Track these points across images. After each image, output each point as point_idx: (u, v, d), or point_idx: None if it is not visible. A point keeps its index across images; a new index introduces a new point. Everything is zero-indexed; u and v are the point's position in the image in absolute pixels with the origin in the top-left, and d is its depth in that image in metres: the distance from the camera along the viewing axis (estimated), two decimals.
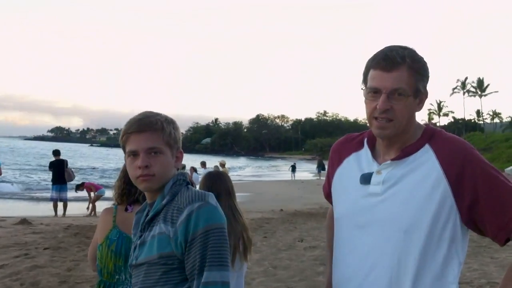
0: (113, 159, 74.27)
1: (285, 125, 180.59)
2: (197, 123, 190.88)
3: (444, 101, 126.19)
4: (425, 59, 1.74)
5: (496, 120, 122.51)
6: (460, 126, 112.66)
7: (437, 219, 1.66)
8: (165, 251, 1.77)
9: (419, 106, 1.76)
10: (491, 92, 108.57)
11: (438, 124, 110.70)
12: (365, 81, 1.76)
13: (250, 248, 3.27)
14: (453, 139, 1.75)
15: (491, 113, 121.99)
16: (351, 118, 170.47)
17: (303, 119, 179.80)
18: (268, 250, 9.46)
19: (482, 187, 1.64)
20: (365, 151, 1.85)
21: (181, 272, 1.79)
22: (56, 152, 15.59)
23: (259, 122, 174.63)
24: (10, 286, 6.41)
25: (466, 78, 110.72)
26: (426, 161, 1.70)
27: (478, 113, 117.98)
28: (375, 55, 1.74)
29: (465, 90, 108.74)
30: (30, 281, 6.68)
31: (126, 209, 2.88)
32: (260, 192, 27.14)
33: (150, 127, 1.83)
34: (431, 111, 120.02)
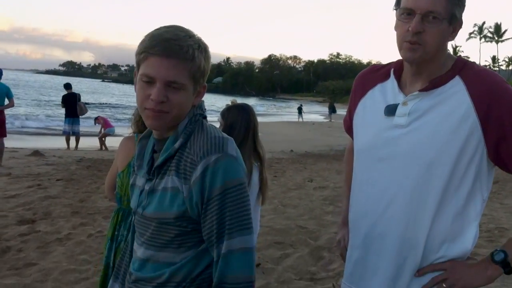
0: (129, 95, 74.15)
1: (297, 66, 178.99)
2: None
3: (460, 45, 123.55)
4: None
5: None
6: None
7: (463, 154, 1.59)
8: (180, 211, 1.53)
9: (452, 35, 1.66)
10: (509, 38, 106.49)
11: None
12: (398, 2, 1.66)
13: (266, 189, 3.22)
14: (485, 72, 1.66)
15: (507, 60, 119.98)
16: (365, 61, 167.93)
17: (315, 60, 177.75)
18: (278, 189, 9.51)
19: (510, 123, 1.57)
20: (391, 81, 1.77)
21: (197, 235, 1.56)
22: (68, 86, 15.52)
23: (271, 62, 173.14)
24: (22, 215, 6.52)
25: (484, 23, 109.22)
26: (456, 93, 1.62)
27: (494, 59, 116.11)
28: None
29: (482, 35, 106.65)
30: (43, 211, 6.78)
31: None
32: (271, 133, 27.16)
33: (178, 55, 1.48)
34: None
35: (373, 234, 1.71)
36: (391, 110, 1.70)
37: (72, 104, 15.26)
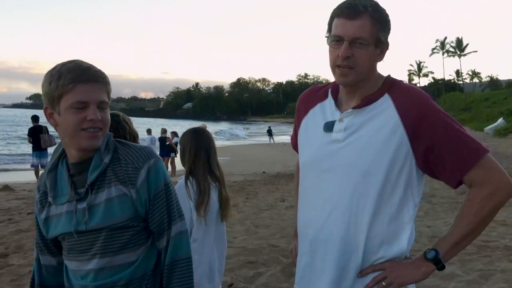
0: None
1: (266, 88, 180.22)
2: (178, 88, 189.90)
3: (423, 61, 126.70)
4: (387, 11, 1.83)
5: (476, 80, 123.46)
6: (440, 86, 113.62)
7: (393, 164, 1.77)
8: (132, 212, 1.74)
9: (380, 56, 1.84)
10: (470, 52, 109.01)
11: (418, 85, 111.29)
12: (329, 29, 1.84)
13: (228, 207, 3.34)
14: (411, 89, 1.85)
15: (471, 73, 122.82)
16: (332, 80, 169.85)
17: (284, 82, 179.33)
18: (250, 210, 9.65)
19: (437, 134, 1.75)
20: (329, 101, 1.94)
21: (145, 231, 1.80)
22: (35, 118, 15.42)
23: (240, 85, 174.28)
24: None
25: (445, 38, 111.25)
26: (385, 110, 1.80)
27: (458, 73, 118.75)
28: (339, 4, 1.81)
29: (444, 50, 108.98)
30: (15, 244, 6.78)
31: None
32: (243, 155, 27.31)
33: (99, 79, 1.71)
34: (411, 71, 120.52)
35: (318, 240, 1.86)
36: (329, 127, 1.87)
37: (38, 137, 15.15)
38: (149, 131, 20.13)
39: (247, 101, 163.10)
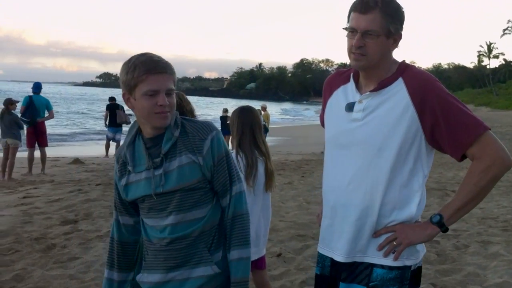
0: None
1: (329, 69, 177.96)
2: (241, 68, 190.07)
3: (494, 42, 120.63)
4: (400, 4, 2.05)
5: None
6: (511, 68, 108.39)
7: (405, 140, 2.01)
8: (200, 176, 2.07)
9: (393, 45, 2.07)
10: None
11: (488, 67, 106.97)
12: (348, 21, 2.09)
13: (273, 179, 3.62)
14: (421, 73, 2.08)
15: None
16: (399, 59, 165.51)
17: (348, 62, 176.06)
18: (304, 187, 9.94)
19: (441, 111, 1.98)
20: (351, 84, 2.19)
21: (212, 192, 2.13)
22: (112, 98, 16.42)
23: (303, 66, 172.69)
24: (66, 216, 7.10)
25: None
26: (398, 92, 2.04)
27: None
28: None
29: None
30: (84, 212, 7.37)
31: None
32: (302, 136, 27.47)
33: (167, 70, 2.03)
34: (481, 53, 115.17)
35: (338, 205, 2.14)
36: (350, 107, 2.13)
37: (115, 112, 16.03)
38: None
39: (310, 82, 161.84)
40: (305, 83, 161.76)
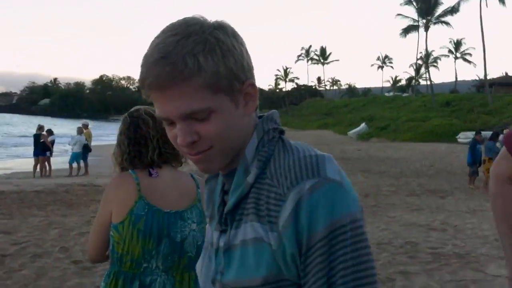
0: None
1: (131, 87, 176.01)
2: (34, 82, 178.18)
3: (290, 67, 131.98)
4: None
5: (335, 87, 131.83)
6: (303, 91, 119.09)
7: None
8: (271, 273, 1.02)
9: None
10: (333, 61, 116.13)
11: (284, 90, 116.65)
12: None
13: None
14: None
15: (331, 80, 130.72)
16: None
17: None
18: None
19: None
20: None
21: None
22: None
23: (103, 83, 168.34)
24: None
25: (310, 46, 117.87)
26: None
27: (319, 80, 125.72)
28: None
29: (309, 58, 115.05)
30: None
31: (150, 174, 2.21)
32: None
33: (174, 80, 1.00)
34: (278, 76, 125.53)
35: None
36: None
37: None
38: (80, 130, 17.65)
39: (110, 100, 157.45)
40: (105, 100, 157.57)
